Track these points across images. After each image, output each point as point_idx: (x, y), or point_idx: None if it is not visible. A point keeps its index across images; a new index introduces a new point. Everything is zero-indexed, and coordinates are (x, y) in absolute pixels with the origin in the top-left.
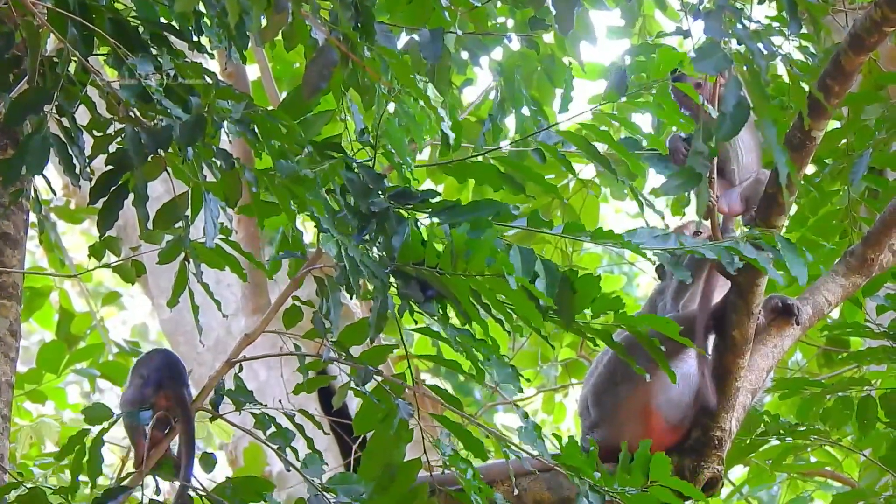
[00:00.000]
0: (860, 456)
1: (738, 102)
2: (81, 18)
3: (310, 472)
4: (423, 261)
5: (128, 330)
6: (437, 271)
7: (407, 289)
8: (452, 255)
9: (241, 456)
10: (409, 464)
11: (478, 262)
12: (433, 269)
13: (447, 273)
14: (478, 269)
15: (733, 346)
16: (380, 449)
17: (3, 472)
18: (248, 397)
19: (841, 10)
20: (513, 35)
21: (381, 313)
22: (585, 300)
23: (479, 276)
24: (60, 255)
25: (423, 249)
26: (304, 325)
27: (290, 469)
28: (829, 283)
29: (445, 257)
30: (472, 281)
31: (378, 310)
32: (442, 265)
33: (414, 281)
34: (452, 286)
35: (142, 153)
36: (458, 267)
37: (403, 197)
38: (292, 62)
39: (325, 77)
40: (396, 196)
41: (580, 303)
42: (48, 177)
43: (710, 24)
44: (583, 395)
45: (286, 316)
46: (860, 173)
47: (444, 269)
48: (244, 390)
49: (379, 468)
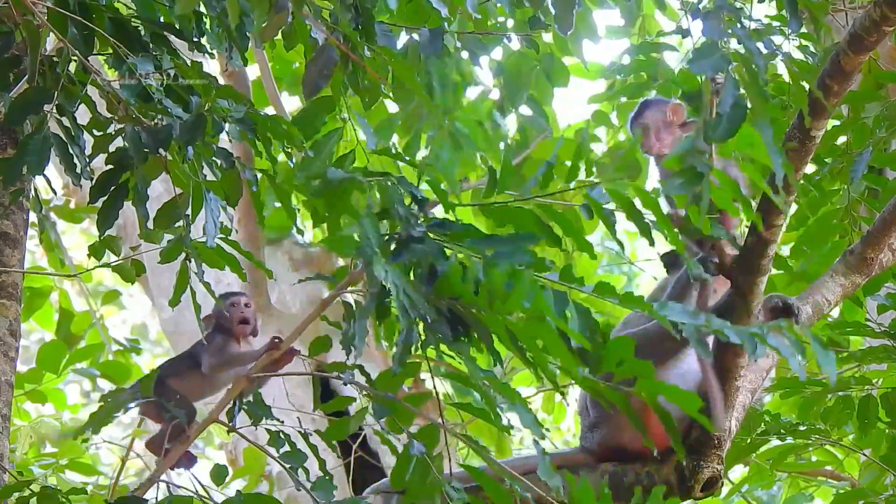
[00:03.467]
0: (861, 455)
1: (735, 102)
2: (81, 18)
3: (320, 495)
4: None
5: (127, 329)
6: (474, 308)
7: (437, 325)
8: (489, 294)
9: (240, 456)
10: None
11: (515, 302)
12: (470, 306)
13: (484, 310)
14: (514, 310)
15: (733, 346)
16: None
17: (3, 472)
18: (266, 412)
19: (841, 10)
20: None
21: (405, 346)
22: (613, 360)
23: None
24: (60, 254)
25: (459, 284)
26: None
27: (300, 489)
28: (829, 283)
29: (483, 295)
30: (508, 322)
31: (403, 343)
32: (479, 303)
33: (444, 318)
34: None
35: (142, 153)
36: (494, 306)
37: (441, 227)
38: (292, 62)
39: (325, 77)
40: (435, 226)
41: (607, 362)
42: (48, 176)
43: (709, 24)
44: (582, 395)
45: (314, 344)
46: (860, 172)
47: (482, 307)
48: (262, 405)
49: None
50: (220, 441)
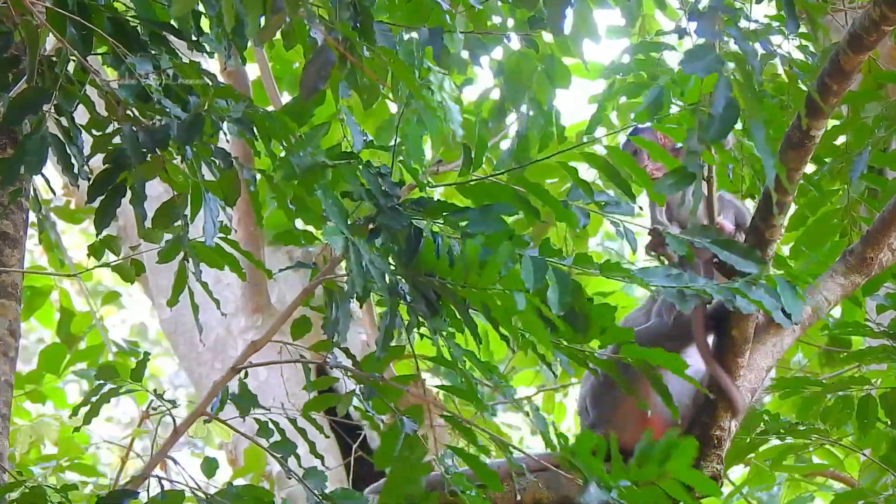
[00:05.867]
0: (860, 455)
1: (727, 104)
2: (80, 18)
3: (312, 482)
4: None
5: (127, 329)
6: (449, 283)
7: (417, 302)
8: (465, 267)
9: (240, 456)
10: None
11: (491, 272)
12: (445, 281)
13: (459, 285)
14: (489, 283)
15: (733, 346)
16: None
17: (3, 472)
18: (253, 402)
19: (841, 10)
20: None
21: (388, 330)
22: (596, 329)
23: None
24: (60, 254)
25: (433, 259)
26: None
27: (291, 477)
28: (829, 283)
29: (458, 270)
30: (482, 294)
31: (386, 327)
32: (454, 277)
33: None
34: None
35: (140, 152)
36: (469, 280)
37: (417, 205)
38: (292, 61)
39: (322, 78)
40: (410, 205)
41: (591, 331)
42: (47, 176)
43: (703, 24)
44: (582, 395)
45: (294, 327)
46: (859, 172)
47: (456, 281)
48: (248, 395)
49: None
50: (220, 441)
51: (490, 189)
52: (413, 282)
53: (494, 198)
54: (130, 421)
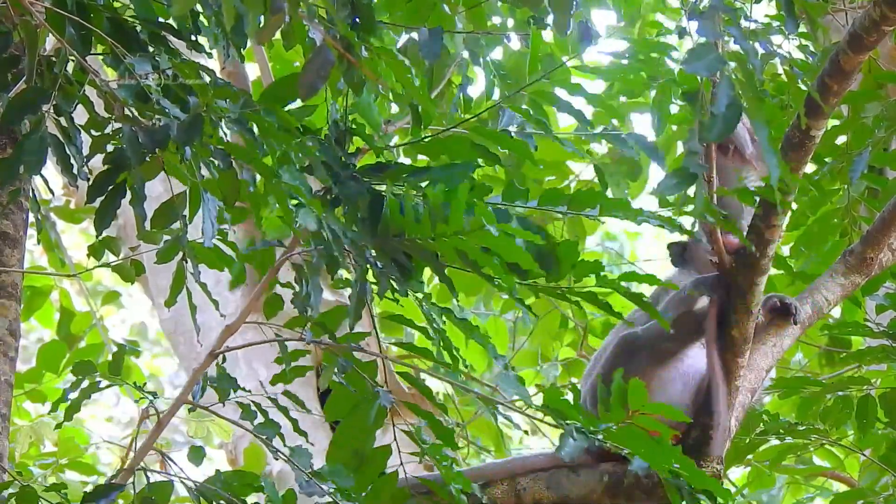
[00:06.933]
0: (860, 455)
1: (730, 103)
2: (79, 18)
3: (298, 461)
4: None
5: (127, 329)
6: (418, 239)
7: (386, 268)
8: (431, 217)
9: (241, 455)
10: (379, 450)
11: (456, 219)
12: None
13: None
14: (457, 227)
15: (733, 346)
16: (349, 435)
17: (3, 471)
18: (232, 384)
19: (841, 10)
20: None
21: (359, 299)
22: (566, 266)
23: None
24: (60, 254)
25: (399, 218)
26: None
27: (278, 458)
28: (829, 283)
29: (425, 223)
30: (455, 241)
31: (356, 296)
32: (422, 232)
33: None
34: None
35: (139, 152)
36: (437, 230)
37: (376, 171)
38: (292, 61)
39: (321, 78)
40: (370, 171)
41: (561, 269)
42: (47, 176)
43: (704, 24)
44: (582, 395)
45: (267, 306)
46: (859, 172)
47: (425, 236)
48: (227, 379)
49: (347, 455)
50: (219, 441)
51: (445, 142)
52: (381, 247)
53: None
54: (130, 421)
